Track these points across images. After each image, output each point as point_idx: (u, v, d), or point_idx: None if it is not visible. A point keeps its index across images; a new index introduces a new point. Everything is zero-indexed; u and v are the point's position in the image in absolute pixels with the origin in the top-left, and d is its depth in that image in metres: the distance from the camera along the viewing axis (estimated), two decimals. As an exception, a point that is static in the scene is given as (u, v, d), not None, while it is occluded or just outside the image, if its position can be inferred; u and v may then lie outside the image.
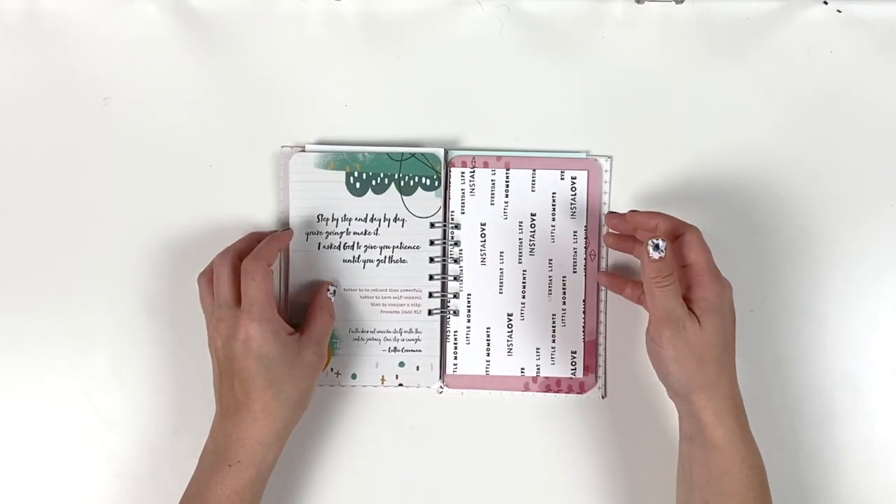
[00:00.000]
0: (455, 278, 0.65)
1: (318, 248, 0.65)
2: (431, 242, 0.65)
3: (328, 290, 0.63)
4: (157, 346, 0.65)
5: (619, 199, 0.65)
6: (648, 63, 0.67)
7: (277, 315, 0.58)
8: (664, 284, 0.54)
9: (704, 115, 0.66)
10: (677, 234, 0.58)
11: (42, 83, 0.67)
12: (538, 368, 0.65)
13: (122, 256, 0.66)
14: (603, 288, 0.65)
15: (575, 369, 0.65)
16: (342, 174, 0.65)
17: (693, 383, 0.55)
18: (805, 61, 0.67)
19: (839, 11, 0.67)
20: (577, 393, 0.65)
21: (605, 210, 0.65)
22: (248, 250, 0.60)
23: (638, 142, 0.66)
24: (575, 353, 0.65)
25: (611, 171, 0.65)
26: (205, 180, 0.66)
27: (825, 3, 0.67)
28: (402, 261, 0.65)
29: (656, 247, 0.54)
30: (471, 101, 0.66)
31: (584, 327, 0.65)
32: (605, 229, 0.65)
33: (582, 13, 0.67)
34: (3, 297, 0.66)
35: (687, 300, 0.56)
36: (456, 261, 0.65)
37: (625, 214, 0.62)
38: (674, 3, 0.66)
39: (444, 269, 0.65)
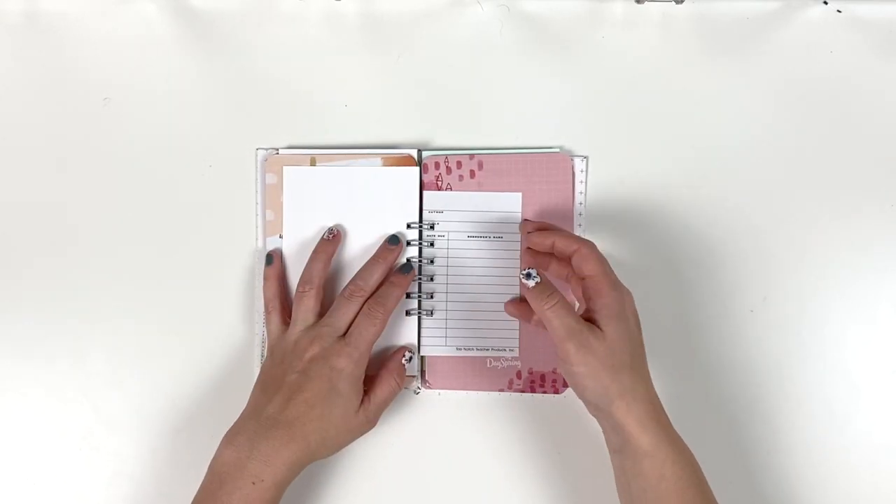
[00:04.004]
0: (430, 278, 0.65)
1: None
2: (408, 243, 0.65)
3: (404, 356, 0.63)
4: (157, 346, 0.65)
5: (619, 199, 0.66)
6: (648, 63, 0.67)
7: (365, 367, 0.60)
8: (550, 304, 0.55)
9: (705, 115, 0.66)
10: (573, 248, 0.59)
11: (42, 83, 0.67)
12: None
13: (122, 256, 0.66)
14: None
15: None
16: None
17: (610, 394, 0.55)
18: (805, 61, 0.67)
19: (839, 11, 0.67)
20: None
21: (581, 210, 0.65)
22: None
23: (639, 142, 0.66)
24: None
25: (586, 171, 0.65)
26: (205, 180, 0.66)
27: (825, 3, 0.67)
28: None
29: (528, 275, 0.56)
30: (471, 101, 0.66)
31: None
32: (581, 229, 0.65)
33: (582, 13, 0.67)
34: (2, 296, 0.66)
35: (590, 311, 0.57)
36: (432, 261, 0.65)
37: (536, 224, 0.63)
38: (674, 3, 0.66)
39: (420, 270, 0.65)
